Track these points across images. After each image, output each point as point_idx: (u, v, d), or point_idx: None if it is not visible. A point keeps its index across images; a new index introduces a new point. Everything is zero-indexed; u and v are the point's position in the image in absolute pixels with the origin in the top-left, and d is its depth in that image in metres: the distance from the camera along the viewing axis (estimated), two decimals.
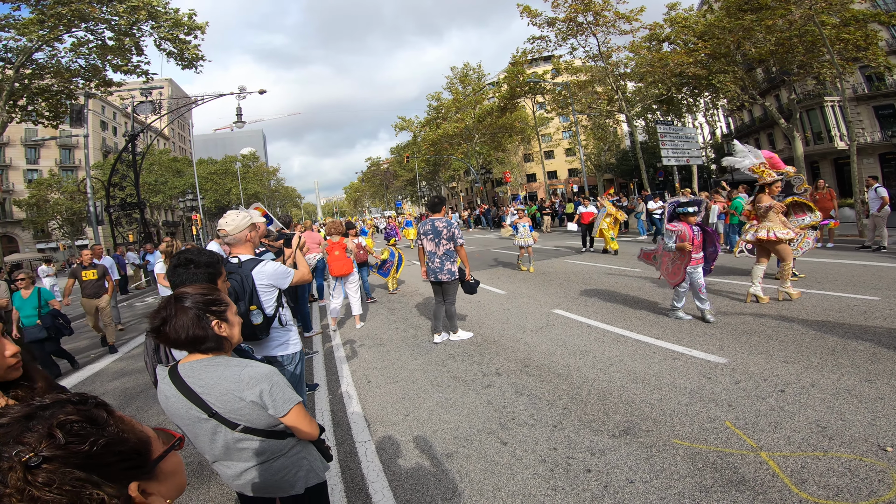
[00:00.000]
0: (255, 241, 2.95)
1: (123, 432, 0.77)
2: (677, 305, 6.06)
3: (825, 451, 2.89)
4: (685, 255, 5.80)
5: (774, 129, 32.58)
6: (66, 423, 0.71)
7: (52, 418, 0.71)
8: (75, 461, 0.69)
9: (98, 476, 0.70)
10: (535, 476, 2.96)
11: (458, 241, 5.92)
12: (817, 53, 17.79)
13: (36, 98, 16.57)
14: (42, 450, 0.68)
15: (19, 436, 0.69)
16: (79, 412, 0.74)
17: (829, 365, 4.14)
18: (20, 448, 0.68)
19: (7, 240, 42.22)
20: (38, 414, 0.72)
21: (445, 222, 5.97)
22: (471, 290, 6.05)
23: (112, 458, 0.73)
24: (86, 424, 0.73)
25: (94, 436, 0.72)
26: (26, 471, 0.66)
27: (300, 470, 1.78)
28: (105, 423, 0.75)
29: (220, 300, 1.72)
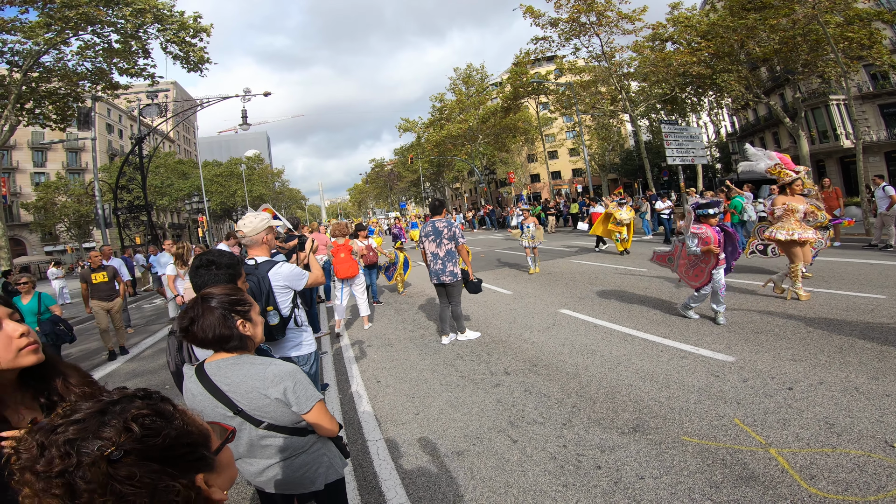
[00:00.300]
0: (272, 244, 3.01)
1: (188, 425, 0.78)
2: (692, 305, 5.99)
3: (834, 447, 2.92)
4: (710, 257, 5.63)
5: (779, 128, 32.47)
6: (139, 417, 0.72)
7: (124, 413, 0.72)
8: (151, 454, 0.70)
9: (169, 467, 0.72)
10: (545, 473, 3.00)
11: (459, 240, 5.94)
12: (821, 52, 17.74)
13: (43, 101, 16.71)
14: (122, 444, 0.69)
15: (97, 431, 0.69)
16: (148, 406, 0.75)
17: (836, 363, 4.16)
18: (101, 443, 0.68)
19: (14, 243, 42.53)
20: (109, 409, 0.73)
21: (446, 222, 6.00)
22: (475, 290, 6.07)
23: (182, 451, 0.74)
24: (156, 418, 0.74)
25: (166, 429, 0.73)
26: (108, 465, 0.67)
27: (320, 466, 1.82)
28: (172, 416, 0.76)
29: (245, 300, 1.77)
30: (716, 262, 5.62)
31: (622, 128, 44.22)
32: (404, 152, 57.57)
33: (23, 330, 1.15)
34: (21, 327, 1.15)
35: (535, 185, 57.02)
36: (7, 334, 1.13)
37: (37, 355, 1.17)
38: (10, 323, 1.15)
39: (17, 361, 1.13)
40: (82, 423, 0.70)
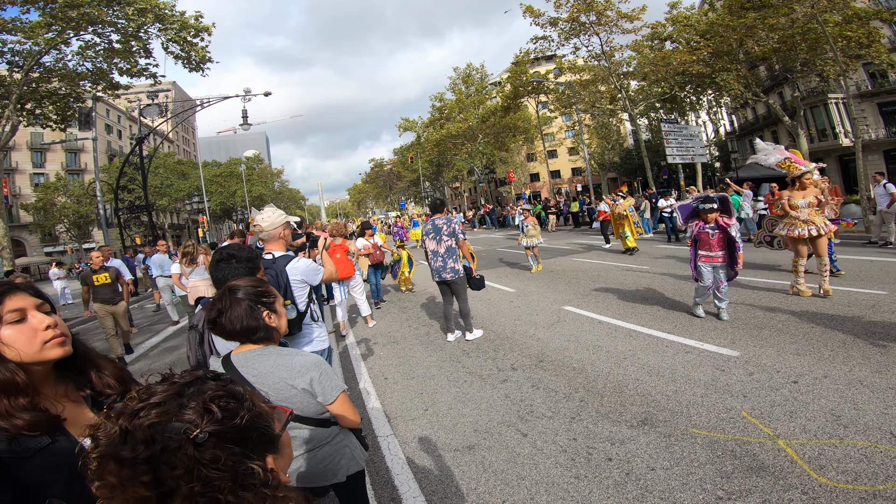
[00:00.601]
0: (288, 239, 3.04)
1: (256, 406, 0.76)
2: (698, 301, 6.03)
3: (841, 438, 2.96)
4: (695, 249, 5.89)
5: (778, 127, 32.53)
6: (216, 398, 0.70)
7: (201, 394, 0.70)
8: (231, 436, 0.68)
9: (246, 449, 0.70)
10: (557, 465, 3.04)
11: (459, 236, 5.92)
12: (820, 51, 17.82)
13: (43, 101, 16.69)
14: (205, 426, 0.67)
15: (179, 413, 0.67)
16: (221, 388, 0.73)
17: (840, 357, 4.22)
18: (185, 426, 0.66)
19: (14, 244, 42.46)
20: (185, 391, 0.71)
21: (445, 219, 5.98)
22: (478, 286, 6.05)
23: (256, 432, 0.73)
24: (230, 399, 0.72)
25: (241, 410, 0.71)
26: (194, 449, 0.65)
27: (342, 458, 1.84)
28: (244, 397, 0.75)
29: (270, 292, 1.80)
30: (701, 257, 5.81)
31: (621, 127, 44.30)
32: (404, 152, 57.62)
33: (49, 322, 1.11)
34: (48, 319, 1.11)
35: (534, 185, 57.08)
36: (32, 327, 1.10)
37: (63, 348, 1.14)
38: (37, 315, 1.11)
39: (43, 355, 1.10)
40: (163, 406, 0.68)
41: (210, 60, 16.85)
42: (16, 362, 1.07)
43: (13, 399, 1.04)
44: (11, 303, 1.08)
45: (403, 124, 49.18)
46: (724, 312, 5.75)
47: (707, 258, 5.78)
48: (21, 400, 1.04)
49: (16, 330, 1.07)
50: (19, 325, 1.08)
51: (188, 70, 16.87)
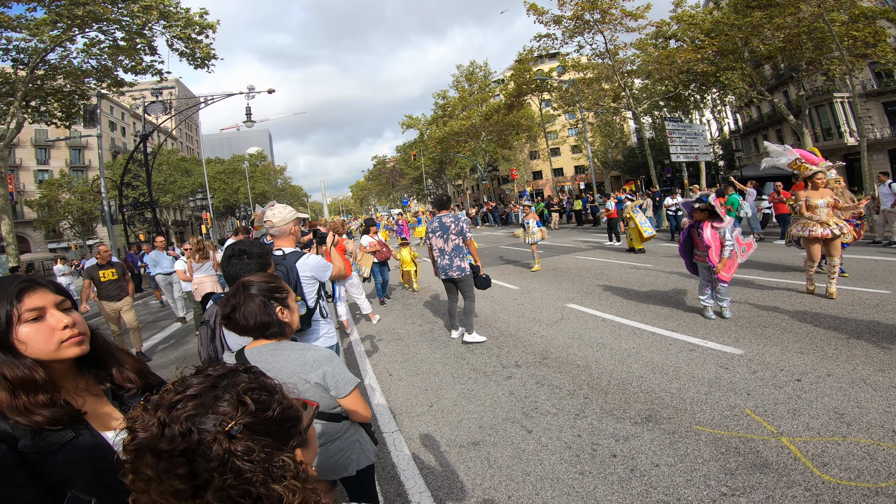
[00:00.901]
0: (298, 235, 3.06)
1: (286, 399, 0.77)
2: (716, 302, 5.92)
3: (844, 436, 2.98)
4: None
5: (783, 125, 32.41)
6: (249, 391, 0.71)
7: (235, 386, 0.71)
8: (263, 428, 0.69)
9: (278, 439, 0.71)
10: (561, 461, 3.07)
11: (467, 235, 5.88)
12: (826, 50, 17.78)
13: (48, 99, 16.77)
14: (239, 418, 0.68)
15: (214, 406, 0.68)
16: (254, 380, 0.74)
17: (843, 355, 4.23)
18: (220, 418, 0.67)
19: (19, 240, 42.63)
20: (219, 383, 0.72)
21: (453, 217, 5.92)
22: (484, 285, 6.01)
23: (287, 425, 0.74)
24: (263, 392, 0.73)
25: (273, 402, 0.72)
26: (229, 441, 0.66)
27: (353, 452, 1.85)
28: (275, 389, 0.76)
29: (282, 287, 1.83)
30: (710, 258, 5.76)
31: (625, 125, 44.20)
32: (407, 149, 57.64)
33: (67, 321, 1.11)
34: (66, 318, 1.11)
35: (537, 182, 57.00)
36: (50, 326, 1.10)
37: (80, 347, 1.14)
38: (56, 313, 1.11)
39: (59, 353, 1.10)
40: (199, 398, 0.69)
41: (214, 57, 16.92)
42: (35, 359, 1.07)
43: (32, 396, 1.04)
44: (31, 301, 1.08)
45: (406, 121, 49.22)
46: (726, 311, 5.76)
47: (698, 257, 5.91)
48: (41, 397, 1.05)
49: (34, 328, 1.08)
50: (37, 324, 1.08)
51: (193, 67, 16.93)
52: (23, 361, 1.06)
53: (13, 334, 1.06)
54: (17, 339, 1.06)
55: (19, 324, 1.07)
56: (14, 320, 1.06)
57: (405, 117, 49.90)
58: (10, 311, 1.06)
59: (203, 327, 2.40)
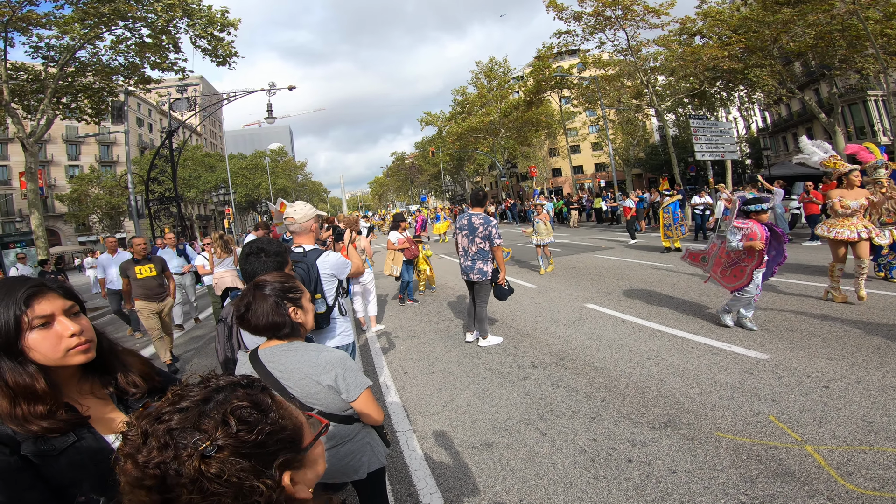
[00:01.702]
0: (317, 232, 3.09)
1: (283, 419, 0.74)
2: (731, 309, 5.47)
3: (871, 445, 2.87)
4: (754, 255, 5.17)
5: (814, 124, 31.47)
6: (238, 409, 0.68)
7: (226, 403, 0.69)
8: (243, 450, 0.66)
9: (258, 465, 0.68)
10: (576, 465, 3.02)
11: (495, 241, 5.47)
12: (860, 48, 17.17)
13: (79, 95, 17.22)
14: (217, 438, 0.65)
15: (198, 422, 0.66)
16: (248, 397, 0.71)
17: (874, 362, 4.07)
18: (199, 435, 0.65)
19: (49, 233, 44.07)
20: (213, 397, 0.70)
21: (483, 219, 5.55)
22: (502, 296, 5.66)
23: (273, 448, 0.70)
24: (254, 411, 0.70)
25: (261, 423, 0.69)
26: (201, 461, 0.64)
27: (364, 455, 1.84)
28: (269, 409, 0.72)
29: (297, 287, 1.81)
30: (759, 262, 5.17)
31: (647, 122, 43.46)
32: (425, 146, 57.71)
33: (74, 329, 1.10)
34: (73, 326, 1.10)
35: (556, 180, 56.51)
36: (57, 333, 1.09)
37: (86, 355, 1.14)
38: (64, 321, 1.11)
39: (65, 360, 1.10)
40: (186, 413, 0.67)
41: (236, 55, 17.15)
42: (40, 363, 1.07)
43: (32, 406, 1.04)
44: (40, 307, 1.08)
45: (425, 118, 49.25)
46: (750, 322, 5.36)
47: (764, 263, 5.30)
48: (39, 407, 1.04)
49: (41, 335, 1.07)
50: (45, 330, 1.08)
51: (215, 64, 17.20)
52: (26, 369, 1.06)
53: (21, 341, 1.06)
54: (25, 346, 1.06)
55: (28, 330, 1.06)
56: (24, 326, 1.06)
57: (424, 114, 49.98)
58: (20, 317, 1.05)
59: (220, 325, 2.41)
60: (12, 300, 1.06)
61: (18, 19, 14.01)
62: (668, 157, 24.44)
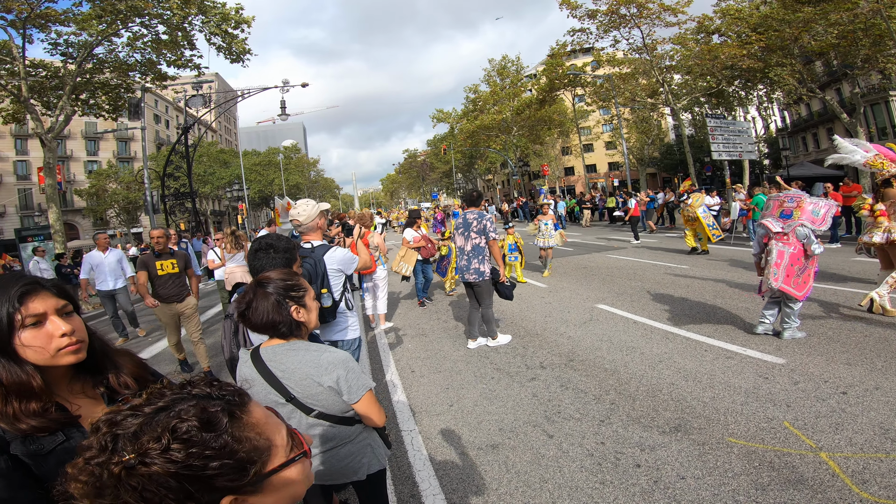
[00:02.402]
0: (324, 228, 3.11)
1: (238, 441, 0.68)
2: (797, 322, 4.94)
3: (888, 452, 2.79)
4: (816, 258, 4.88)
5: (835, 124, 30.83)
6: (179, 426, 0.65)
7: (174, 417, 0.65)
8: (170, 469, 0.63)
9: (188, 485, 0.63)
10: (582, 469, 2.96)
11: (490, 235, 5.22)
12: (883, 47, 16.77)
13: (97, 92, 17.49)
14: (144, 453, 0.63)
15: (140, 431, 0.64)
16: (203, 413, 0.67)
17: (893, 368, 3.95)
18: (131, 446, 0.63)
19: (68, 227, 44.87)
20: (172, 407, 0.67)
21: (477, 214, 5.33)
22: (506, 294, 5.39)
23: (211, 472, 0.65)
24: (201, 430, 0.65)
25: (199, 446, 0.64)
26: (124, 470, 0.62)
27: (364, 456, 1.82)
28: (222, 429, 0.67)
29: (299, 285, 1.78)
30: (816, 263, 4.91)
31: (662, 121, 42.93)
32: (437, 143, 57.66)
33: (65, 329, 1.09)
34: (64, 326, 1.09)
35: (569, 178, 56.10)
36: (48, 333, 1.08)
37: (77, 356, 1.12)
38: (55, 321, 1.09)
39: (55, 361, 1.09)
40: (138, 419, 0.66)
41: (249, 52, 17.27)
42: (34, 364, 1.06)
43: (24, 403, 1.03)
44: (33, 306, 1.07)
45: (437, 115, 49.13)
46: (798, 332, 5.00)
47: None
48: (33, 405, 1.03)
49: (32, 334, 1.07)
50: (36, 330, 1.07)
51: (229, 61, 17.35)
52: (23, 368, 1.05)
53: (14, 339, 1.05)
54: (17, 344, 1.05)
55: (20, 328, 1.05)
56: (16, 324, 1.05)
57: (436, 111, 49.85)
58: (13, 314, 1.04)
59: (227, 321, 2.41)
60: (6, 298, 1.05)
61: (37, 16, 14.25)
62: (684, 156, 24.09)
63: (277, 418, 0.78)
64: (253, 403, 0.75)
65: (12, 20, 14.05)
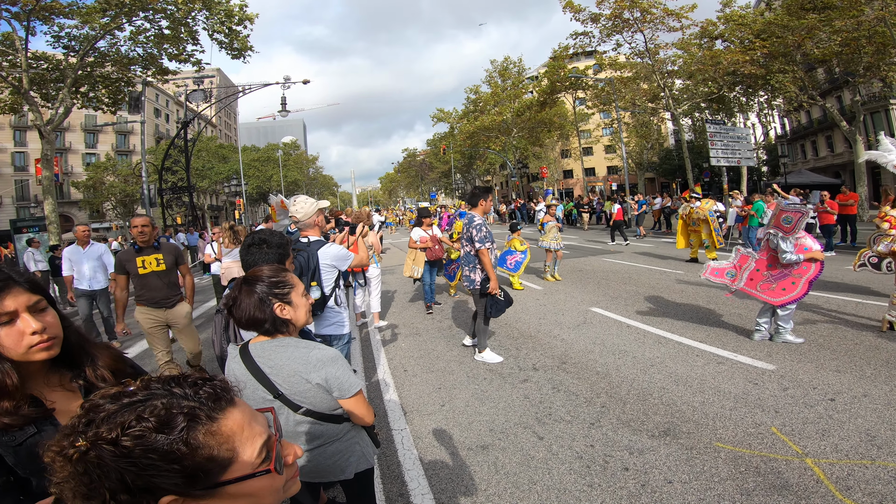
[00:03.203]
0: (322, 225, 3.17)
1: (192, 448, 0.66)
2: (786, 326, 5.00)
3: (873, 459, 2.82)
4: (811, 265, 4.89)
5: (834, 132, 30.98)
6: (132, 424, 0.64)
7: (137, 412, 0.65)
8: (116, 462, 0.63)
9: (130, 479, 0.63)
10: (571, 472, 2.98)
11: (476, 245, 4.75)
12: (886, 55, 16.83)
13: (97, 85, 17.44)
14: (98, 440, 0.63)
15: (107, 418, 0.65)
16: (164, 413, 0.66)
17: (882, 376, 3.99)
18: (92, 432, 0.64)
19: (64, 219, 44.70)
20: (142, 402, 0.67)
21: (468, 218, 4.98)
22: (495, 311, 4.87)
23: (153, 472, 0.65)
24: (153, 431, 0.65)
25: (145, 446, 0.64)
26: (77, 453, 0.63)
27: (352, 455, 1.82)
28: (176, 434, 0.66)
29: (286, 282, 1.76)
30: (819, 270, 4.87)
31: (662, 126, 43.03)
32: (437, 143, 57.67)
33: (37, 327, 1.09)
34: (35, 324, 1.09)
35: (567, 181, 56.18)
36: (20, 330, 1.08)
37: (49, 352, 1.12)
38: (26, 318, 1.09)
39: (27, 357, 1.09)
40: (114, 405, 0.66)
41: (251, 49, 17.26)
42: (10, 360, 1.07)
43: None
44: (4, 304, 1.07)
45: (437, 115, 49.17)
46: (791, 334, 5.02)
47: None
48: (5, 403, 1.03)
49: (4, 331, 1.07)
50: (8, 328, 1.07)
51: (231, 57, 17.33)
52: (1, 364, 1.05)
53: None
54: None
55: None
56: None
57: (437, 110, 49.88)
58: None
59: (218, 315, 2.42)
60: None
61: (42, 8, 14.20)
62: (683, 161, 24.14)
63: (260, 427, 0.75)
64: (232, 410, 0.72)
65: (17, 12, 14.01)
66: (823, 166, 32.93)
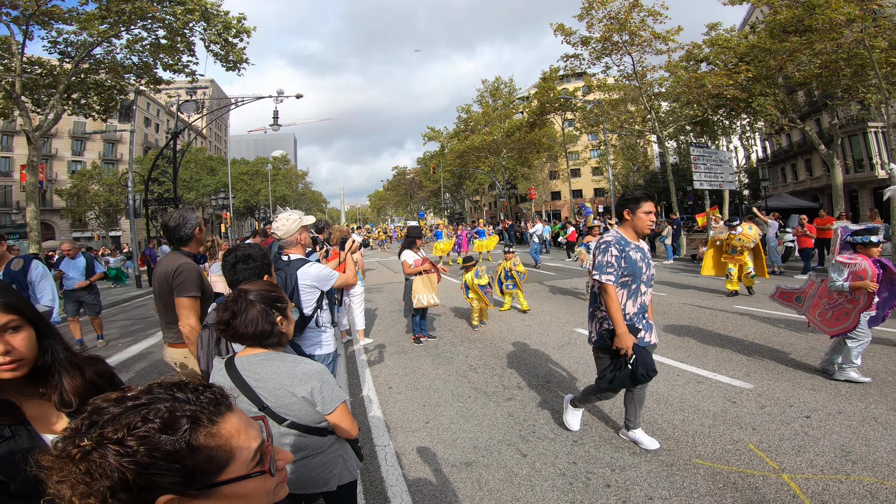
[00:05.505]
0: (306, 242, 3.11)
1: (194, 450, 0.70)
2: (846, 364, 4.48)
3: (848, 474, 2.91)
4: (862, 297, 4.39)
5: (813, 155, 31.84)
6: (138, 425, 0.67)
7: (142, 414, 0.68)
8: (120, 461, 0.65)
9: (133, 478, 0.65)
10: (553, 489, 3.00)
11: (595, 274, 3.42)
12: (864, 77, 17.40)
13: (89, 92, 17.28)
14: (102, 442, 0.66)
15: (112, 420, 0.68)
16: (169, 415, 0.69)
17: (857, 393, 4.12)
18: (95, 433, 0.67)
19: (44, 227, 43.92)
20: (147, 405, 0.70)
21: None
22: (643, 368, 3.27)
23: (155, 472, 0.67)
24: (158, 432, 0.68)
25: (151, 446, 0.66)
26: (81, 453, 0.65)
27: (335, 468, 1.83)
28: (180, 435, 0.69)
29: (283, 297, 1.82)
30: (868, 304, 4.38)
31: (648, 149, 43.89)
32: (427, 161, 58.06)
33: (1, 349, 1.10)
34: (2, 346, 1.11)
35: (555, 203, 56.77)
36: None
37: (13, 373, 1.13)
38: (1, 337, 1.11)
39: None
40: (118, 408, 0.69)
41: (246, 61, 17.29)
42: None
43: None
44: None
45: (429, 133, 49.71)
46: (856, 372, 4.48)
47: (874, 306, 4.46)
48: None
49: None
50: None
51: (225, 69, 17.34)
52: None
53: None
54: None
55: None
56: None
57: (428, 129, 50.39)
58: None
59: (205, 331, 2.39)
60: None
61: (42, 13, 14.14)
62: (667, 184, 24.60)
63: (255, 431, 0.79)
64: (230, 415, 0.76)
65: (16, 16, 13.93)
66: (802, 189, 33.75)
